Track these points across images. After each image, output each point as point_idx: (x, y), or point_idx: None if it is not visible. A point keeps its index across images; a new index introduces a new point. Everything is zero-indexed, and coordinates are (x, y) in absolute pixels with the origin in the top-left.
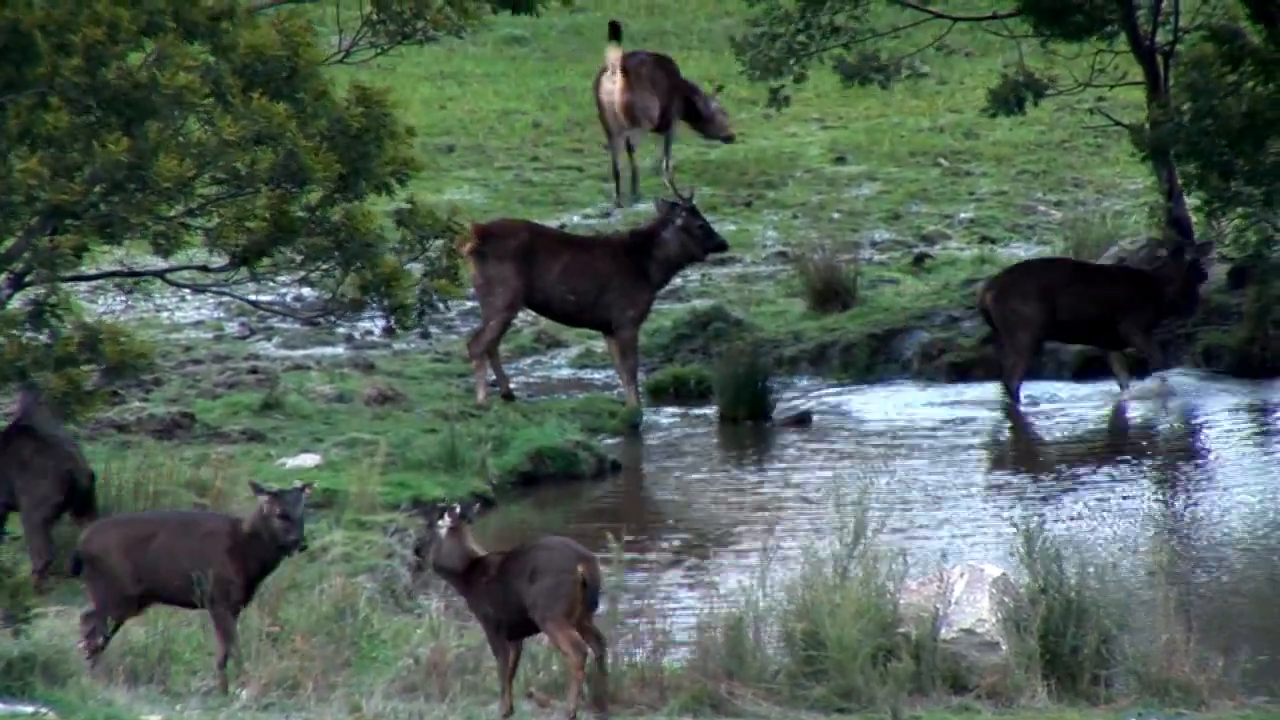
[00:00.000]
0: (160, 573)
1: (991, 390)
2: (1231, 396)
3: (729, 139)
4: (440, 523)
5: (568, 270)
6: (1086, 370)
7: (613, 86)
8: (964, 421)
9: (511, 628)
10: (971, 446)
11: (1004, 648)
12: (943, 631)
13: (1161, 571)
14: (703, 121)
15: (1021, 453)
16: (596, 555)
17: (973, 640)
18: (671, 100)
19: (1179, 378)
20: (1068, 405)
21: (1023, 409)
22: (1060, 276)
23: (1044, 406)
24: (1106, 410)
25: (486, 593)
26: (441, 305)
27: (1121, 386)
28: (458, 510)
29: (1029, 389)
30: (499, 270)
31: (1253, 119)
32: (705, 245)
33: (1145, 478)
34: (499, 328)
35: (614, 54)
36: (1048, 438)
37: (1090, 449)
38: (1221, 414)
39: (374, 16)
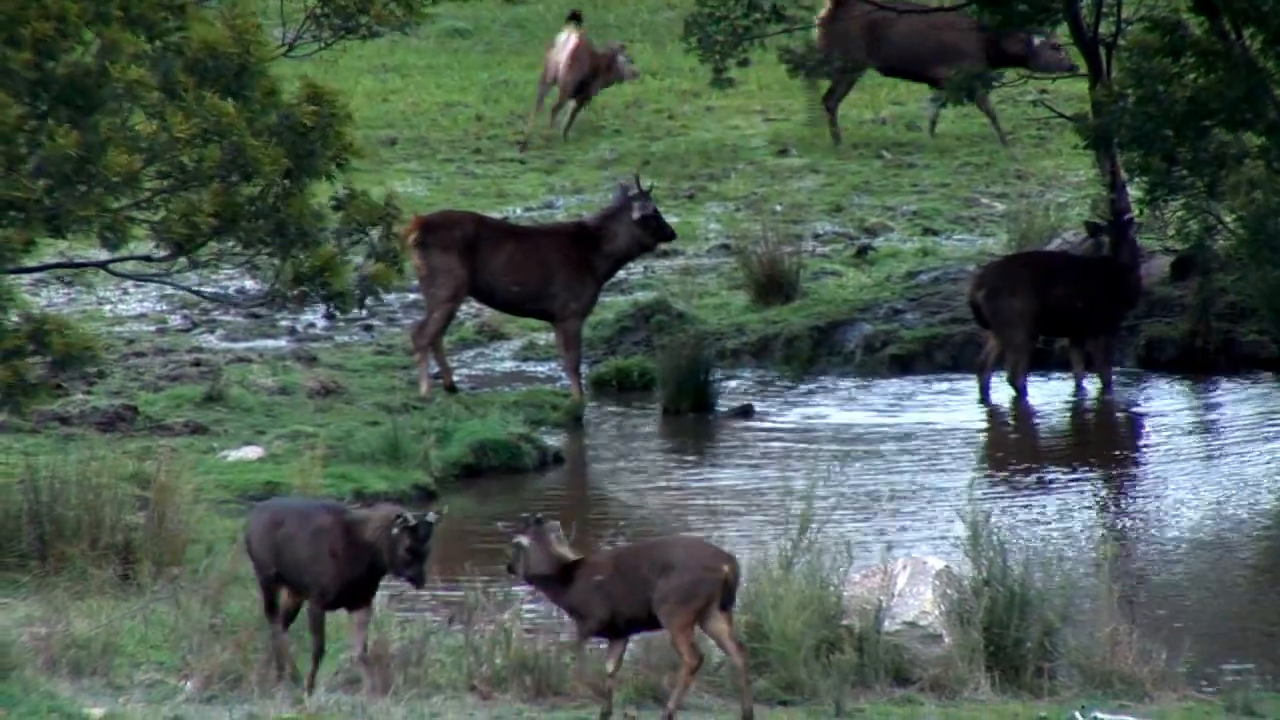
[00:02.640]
0: (283, 561)
1: (937, 382)
2: (1177, 391)
3: (1063, 67)
4: (521, 538)
5: (513, 260)
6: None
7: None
8: (909, 414)
9: (625, 624)
10: (917, 439)
11: (947, 640)
12: (886, 624)
13: (1105, 564)
14: (1030, 60)
15: (967, 446)
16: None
17: (916, 633)
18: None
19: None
20: (1016, 398)
21: (973, 403)
22: (1049, 269)
23: (991, 400)
24: (1053, 404)
25: (599, 590)
26: (380, 292)
27: (1077, 381)
28: (540, 521)
29: (969, 382)
30: (443, 261)
31: (1196, 107)
32: (658, 235)
33: (1091, 471)
34: (443, 319)
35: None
36: (994, 431)
37: (1037, 443)
38: (1168, 409)
39: (318, 10)
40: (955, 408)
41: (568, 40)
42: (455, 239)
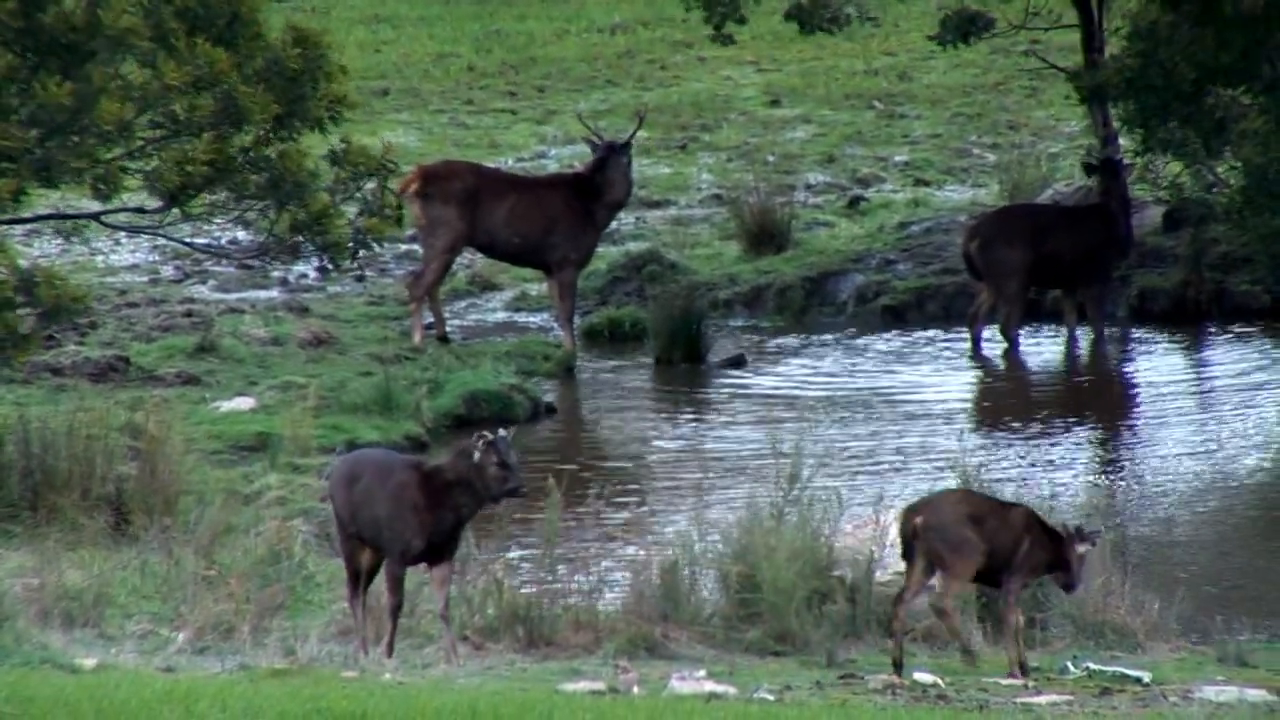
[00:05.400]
0: (361, 517)
1: (930, 333)
2: (1169, 342)
3: None
4: None
5: (514, 212)
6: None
7: None
8: (902, 366)
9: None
10: (909, 391)
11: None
12: (878, 574)
13: (1098, 515)
14: None
15: (960, 397)
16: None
17: None
18: None
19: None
20: (1008, 349)
21: (964, 354)
22: (1042, 221)
23: (982, 351)
24: (1045, 356)
25: None
26: (375, 244)
27: (1070, 332)
28: None
29: (963, 334)
30: (443, 212)
31: (1200, 75)
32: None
33: (1083, 422)
34: (440, 270)
35: None
36: (987, 382)
37: (1029, 394)
38: (1160, 360)
39: None
40: (947, 359)
41: None
42: (456, 190)
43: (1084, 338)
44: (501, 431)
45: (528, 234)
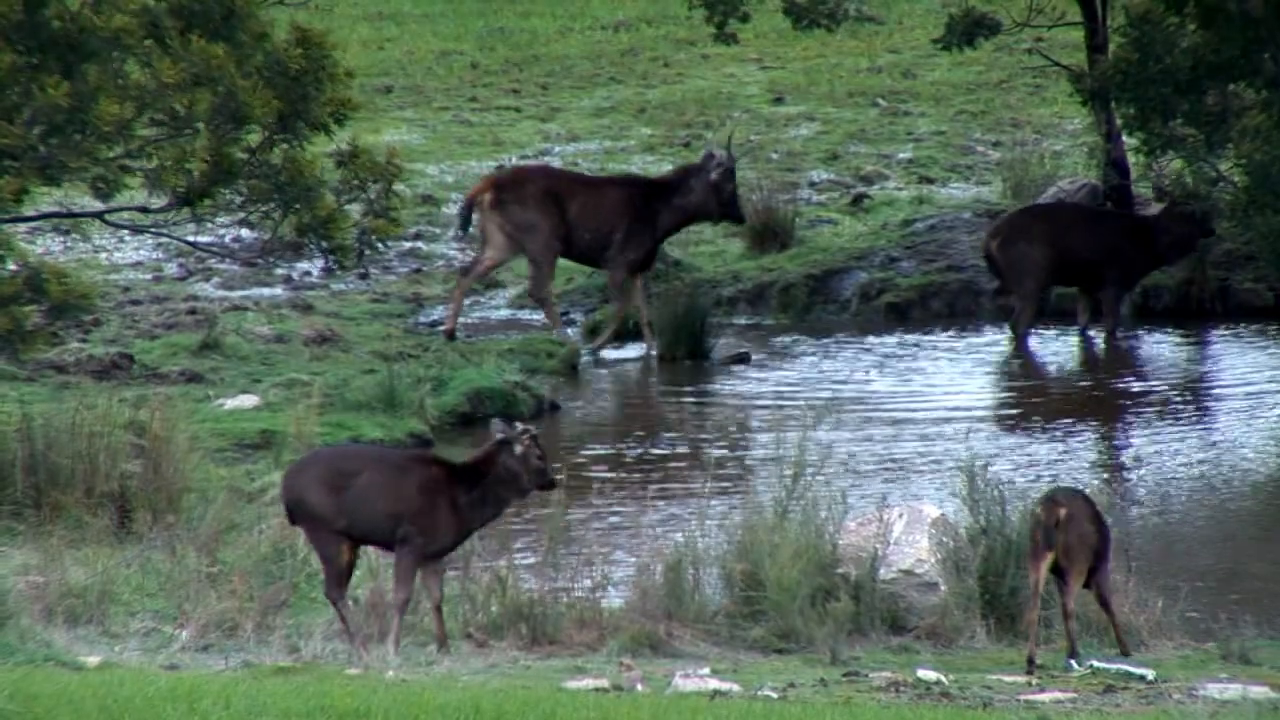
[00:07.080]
0: (360, 513)
1: (934, 333)
2: (1174, 339)
3: None
4: None
5: (585, 208)
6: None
7: None
8: (906, 363)
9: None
10: (914, 388)
11: (943, 588)
12: (882, 572)
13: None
14: None
15: (965, 395)
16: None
17: (912, 581)
18: None
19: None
20: (1017, 347)
21: (971, 352)
22: (1064, 221)
23: (991, 350)
24: (1052, 354)
25: None
26: (380, 245)
27: (1082, 330)
28: None
29: (965, 332)
30: (525, 215)
31: (1196, 66)
32: (725, 210)
33: (1088, 421)
34: (550, 266)
35: None
36: (992, 380)
37: (1034, 392)
38: (1165, 358)
39: None
40: (949, 357)
41: None
42: (533, 192)
43: (1095, 335)
44: (518, 425)
45: (597, 229)
